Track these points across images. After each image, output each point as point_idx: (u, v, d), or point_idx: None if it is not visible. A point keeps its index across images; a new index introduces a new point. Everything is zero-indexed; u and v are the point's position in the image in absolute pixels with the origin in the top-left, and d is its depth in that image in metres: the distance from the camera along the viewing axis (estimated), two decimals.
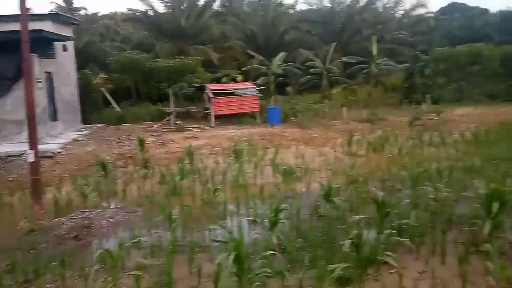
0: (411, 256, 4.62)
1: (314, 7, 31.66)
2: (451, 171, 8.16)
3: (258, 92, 19.76)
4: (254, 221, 6.09)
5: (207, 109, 19.22)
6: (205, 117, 19.16)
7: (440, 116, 17.61)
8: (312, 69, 24.20)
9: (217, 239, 5.41)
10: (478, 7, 43.64)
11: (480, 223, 4.90)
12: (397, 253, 4.49)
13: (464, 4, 44.14)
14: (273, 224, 5.19)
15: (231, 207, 6.81)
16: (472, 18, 39.93)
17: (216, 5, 28.49)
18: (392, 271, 4.17)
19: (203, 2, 26.38)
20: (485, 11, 43.53)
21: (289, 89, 25.15)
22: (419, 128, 14.99)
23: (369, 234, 4.08)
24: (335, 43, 24.52)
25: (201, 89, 20.11)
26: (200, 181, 8.39)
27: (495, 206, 4.85)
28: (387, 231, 4.61)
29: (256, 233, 5.56)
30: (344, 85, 23.88)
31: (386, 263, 4.23)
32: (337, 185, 6.98)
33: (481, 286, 3.89)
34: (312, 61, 24.17)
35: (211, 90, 18.97)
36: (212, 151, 12.18)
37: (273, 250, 4.53)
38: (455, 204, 6.08)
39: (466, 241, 4.80)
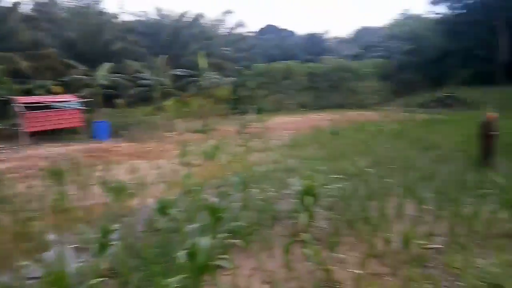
0: (243, 255, 4.87)
1: (140, 18, 31.05)
2: (274, 172, 9.10)
3: (82, 105, 18.02)
4: (80, 248, 5.42)
5: (17, 125, 16.43)
6: (16, 135, 16.33)
7: (263, 124, 19.54)
8: (142, 81, 23.56)
9: (32, 276, 4.57)
10: (287, 30, 50.61)
11: (298, 215, 5.53)
12: (232, 255, 4.68)
13: (276, 26, 50.46)
14: (102, 247, 4.72)
15: (51, 236, 5.90)
16: (283, 39, 46.03)
17: (26, 8, 24.86)
18: (226, 273, 4.31)
19: (10, 5, 22.63)
20: (293, 33, 50.83)
21: (118, 101, 23.83)
22: (246, 136, 16.26)
23: (204, 241, 4.11)
24: (165, 56, 24.52)
25: (7, 102, 17.10)
26: (9, 211, 7.01)
27: (308, 200, 5.60)
28: (221, 235, 4.76)
29: (82, 261, 4.95)
30: (177, 97, 24.07)
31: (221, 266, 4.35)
32: (173, 197, 6.89)
33: (302, 271, 4.38)
34: (142, 72, 23.56)
35: (21, 103, 16.32)
36: (25, 174, 10.41)
37: (103, 276, 4.10)
38: (278, 202, 6.74)
39: (288, 233, 5.36)
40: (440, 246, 4.78)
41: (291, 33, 50.69)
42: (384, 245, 4.86)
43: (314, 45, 45.98)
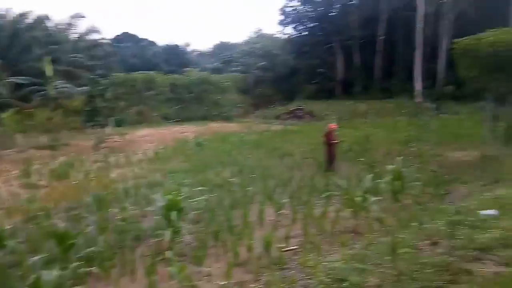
0: (102, 283, 4.43)
1: None
2: (137, 188, 8.61)
3: None
4: None
5: None
6: None
7: (124, 138, 18.43)
8: None
9: None
10: (147, 39, 49.20)
11: (163, 232, 5.31)
12: (87, 285, 4.19)
13: (135, 35, 48.56)
14: None
15: None
16: (143, 49, 44.65)
17: None
18: None
19: None
20: (153, 43, 49.70)
21: None
22: (104, 151, 15.05)
23: (48, 274, 3.57)
24: None
25: None
26: None
27: (173, 215, 5.44)
28: (74, 264, 4.22)
29: None
30: (17, 108, 20.77)
31: None
32: (11, 226, 5.89)
33: None
34: None
35: None
36: None
37: None
38: (142, 220, 6.38)
39: (152, 253, 5.10)
40: (296, 247, 5.19)
41: (151, 43, 49.45)
42: (247, 252, 5.04)
43: (176, 56, 45.82)
